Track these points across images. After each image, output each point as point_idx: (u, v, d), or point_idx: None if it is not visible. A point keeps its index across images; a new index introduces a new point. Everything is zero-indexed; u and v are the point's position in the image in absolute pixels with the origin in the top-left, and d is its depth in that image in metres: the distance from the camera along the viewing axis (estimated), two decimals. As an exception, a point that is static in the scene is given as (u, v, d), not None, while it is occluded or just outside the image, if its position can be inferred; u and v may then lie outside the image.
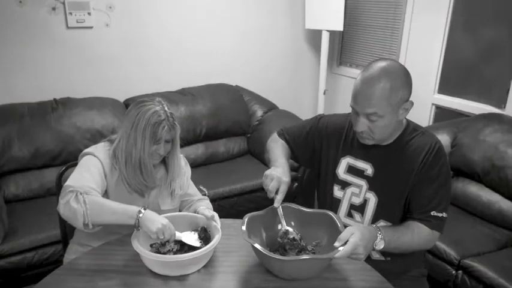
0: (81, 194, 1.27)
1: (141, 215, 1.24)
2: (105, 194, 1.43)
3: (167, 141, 1.44)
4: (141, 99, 1.45)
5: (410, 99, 1.29)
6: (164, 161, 1.56)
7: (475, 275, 1.90)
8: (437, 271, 2.05)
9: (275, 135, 1.61)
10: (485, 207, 2.29)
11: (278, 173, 1.29)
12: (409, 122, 1.40)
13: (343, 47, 3.79)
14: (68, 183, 1.31)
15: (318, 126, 1.52)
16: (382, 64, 1.27)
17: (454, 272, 2.00)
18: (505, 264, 1.89)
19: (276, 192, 1.28)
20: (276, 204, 1.29)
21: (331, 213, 1.30)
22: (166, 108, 1.42)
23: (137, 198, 1.47)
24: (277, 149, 1.52)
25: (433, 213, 1.30)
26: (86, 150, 1.46)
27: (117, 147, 1.44)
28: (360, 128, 1.30)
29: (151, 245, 1.31)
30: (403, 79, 1.25)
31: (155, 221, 1.24)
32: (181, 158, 1.62)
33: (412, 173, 1.32)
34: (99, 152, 1.44)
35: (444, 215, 1.31)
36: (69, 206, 1.25)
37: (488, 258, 1.96)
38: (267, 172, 1.30)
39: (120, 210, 1.28)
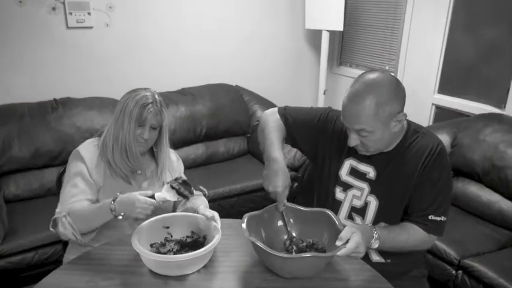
0: (64, 216, 1.35)
1: (112, 206, 1.28)
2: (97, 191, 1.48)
3: (153, 127, 1.46)
4: (134, 88, 1.49)
5: (406, 105, 1.26)
6: (154, 154, 1.58)
7: (475, 275, 1.90)
8: (438, 271, 2.05)
9: (275, 113, 1.51)
10: (485, 207, 2.29)
11: (270, 188, 1.27)
12: (410, 124, 1.38)
13: (343, 47, 3.79)
14: (57, 207, 1.41)
15: (326, 120, 1.47)
16: (369, 78, 1.24)
17: (454, 272, 2.00)
18: (505, 264, 1.90)
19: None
20: (279, 210, 1.31)
21: (329, 212, 1.30)
22: (156, 96, 1.46)
23: (123, 185, 1.48)
24: (274, 134, 1.43)
25: (430, 217, 1.30)
26: (75, 149, 1.49)
27: (106, 134, 1.48)
28: (352, 143, 1.29)
29: (151, 245, 1.31)
30: (390, 93, 1.22)
31: (131, 208, 1.27)
32: (173, 153, 1.65)
33: (414, 176, 1.31)
34: (85, 149, 1.48)
35: (443, 218, 1.31)
36: (60, 233, 1.37)
37: (488, 258, 1.96)
38: (265, 186, 1.29)
39: (98, 211, 1.35)
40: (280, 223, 1.35)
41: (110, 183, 1.46)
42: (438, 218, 1.30)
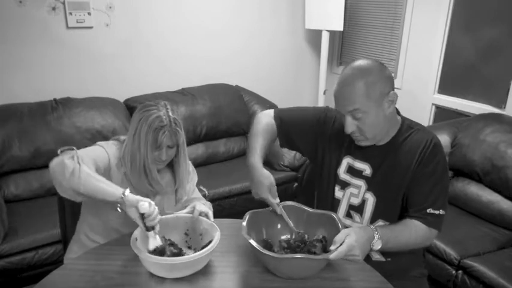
0: (77, 157, 1.27)
1: (124, 197, 1.23)
2: None
3: (170, 146, 1.43)
4: (147, 103, 1.43)
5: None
6: (171, 165, 1.54)
7: (475, 275, 1.90)
8: (437, 271, 2.05)
9: (268, 116, 1.52)
10: (485, 207, 2.29)
11: (255, 194, 1.33)
12: (404, 120, 1.40)
13: (343, 47, 3.79)
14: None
15: (325, 120, 1.48)
16: (355, 64, 1.30)
17: (454, 272, 2.00)
18: (505, 264, 1.90)
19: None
20: (278, 211, 1.32)
21: (334, 215, 1.30)
22: (170, 113, 1.40)
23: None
24: (258, 141, 1.44)
25: (429, 210, 1.30)
26: (97, 142, 1.46)
27: (124, 151, 1.44)
28: (349, 129, 1.30)
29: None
30: (377, 73, 1.26)
31: (140, 198, 1.24)
32: (189, 165, 1.61)
33: (409, 171, 1.32)
34: (110, 147, 1.44)
35: (441, 212, 1.31)
36: (61, 161, 1.24)
37: (488, 258, 1.96)
38: (253, 194, 1.34)
39: (108, 183, 1.27)
40: (279, 226, 1.35)
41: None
42: (437, 212, 1.30)
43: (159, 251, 1.25)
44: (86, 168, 1.26)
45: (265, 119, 1.51)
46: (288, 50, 3.71)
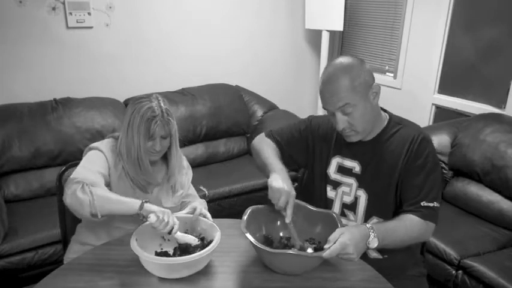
0: (87, 185, 1.28)
1: (144, 206, 1.26)
2: (108, 188, 1.44)
3: (163, 137, 1.45)
4: (139, 96, 1.47)
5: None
6: (165, 159, 1.57)
7: (475, 275, 1.90)
8: (437, 271, 2.05)
9: (262, 137, 1.58)
10: (485, 207, 2.29)
11: (286, 187, 1.26)
12: (391, 116, 1.42)
13: (343, 47, 3.79)
14: (73, 175, 1.33)
15: (311, 127, 1.52)
16: (336, 62, 1.33)
17: (454, 272, 2.00)
18: (505, 264, 1.90)
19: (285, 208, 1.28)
20: (287, 220, 1.29)
21: (334, 214, 1.30)
22: (161, 104, 1.43)
23: (140, 194, 1.48)
24: (271, 152, 1.48)
25: (423, 203, 1.30)
26: (91, 145, 1.48)
27: (120, 145, 1.47)
28: (341, 126, 1.32)
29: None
30: (358, 67, 1.30)
31: (157, 209, 1.27)
32: (184, 160, 1.64)
33: (398, 166, 1.33)
34: (104, 146, 1.47)
35: (436, 204, 1.31)
36: (76, 196, 1.26)
37: (488, 258, 1.96)
38: (274, 185, 1.27)
39: (125, 200, 1.30)
40: (279, 223, 1.35)
41: (126, 188, 1.46)
42: (431, 204, 1.30)
43: (181, 249, 1.29)
44: (99, 193, 1.28)
45: (264, 140, 1.56)
46: (288, 50, 3.71)
